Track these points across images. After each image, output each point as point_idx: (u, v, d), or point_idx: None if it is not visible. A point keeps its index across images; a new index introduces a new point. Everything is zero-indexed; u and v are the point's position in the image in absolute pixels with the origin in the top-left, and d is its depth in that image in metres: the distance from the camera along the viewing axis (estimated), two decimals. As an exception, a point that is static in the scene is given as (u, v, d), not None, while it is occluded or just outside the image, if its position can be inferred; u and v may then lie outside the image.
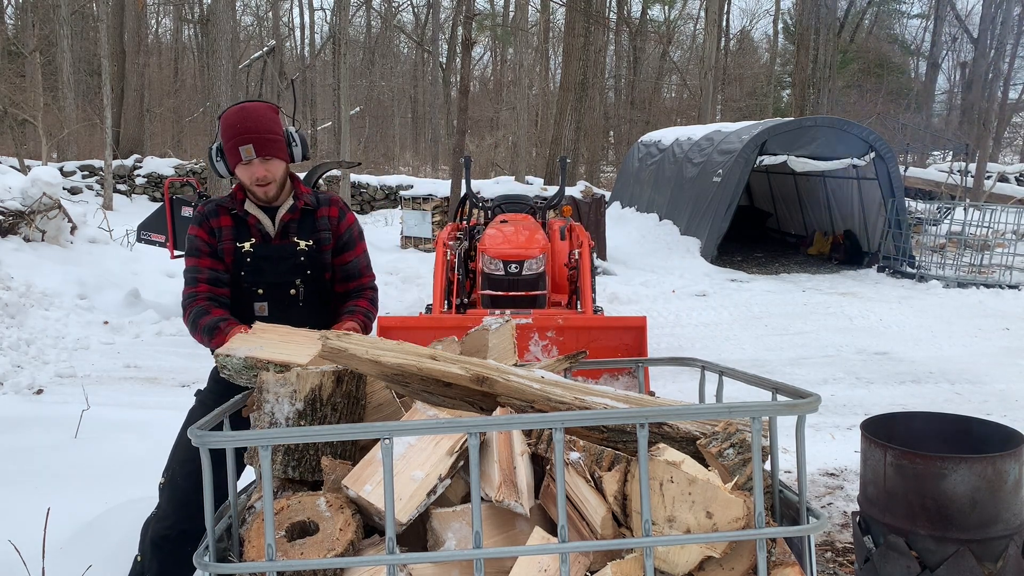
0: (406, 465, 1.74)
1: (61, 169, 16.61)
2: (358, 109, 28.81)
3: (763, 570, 1.63)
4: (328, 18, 33.43)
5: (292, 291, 2.79)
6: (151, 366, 7.10)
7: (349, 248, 2.89)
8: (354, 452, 2.04)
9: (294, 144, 2.77)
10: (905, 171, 18.06)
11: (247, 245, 2.75)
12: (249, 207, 2.78)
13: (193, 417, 2.78)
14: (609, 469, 1.79)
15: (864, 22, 33.81)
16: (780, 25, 35.25)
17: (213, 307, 2.70)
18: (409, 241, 14.48)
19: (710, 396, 2.34)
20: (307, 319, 2.71)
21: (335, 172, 16.66)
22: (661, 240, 13.93)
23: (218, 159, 2.77)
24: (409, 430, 1.73)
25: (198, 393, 2.90)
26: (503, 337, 2.32)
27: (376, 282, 3.00)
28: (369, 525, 1.81)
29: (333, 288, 2.90)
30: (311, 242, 2.80)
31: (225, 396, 2.69)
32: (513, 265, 6.21)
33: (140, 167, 18.33)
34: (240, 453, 1.92)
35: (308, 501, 1.78)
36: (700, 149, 14.63)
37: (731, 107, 32.42)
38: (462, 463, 1.79)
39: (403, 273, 10.98)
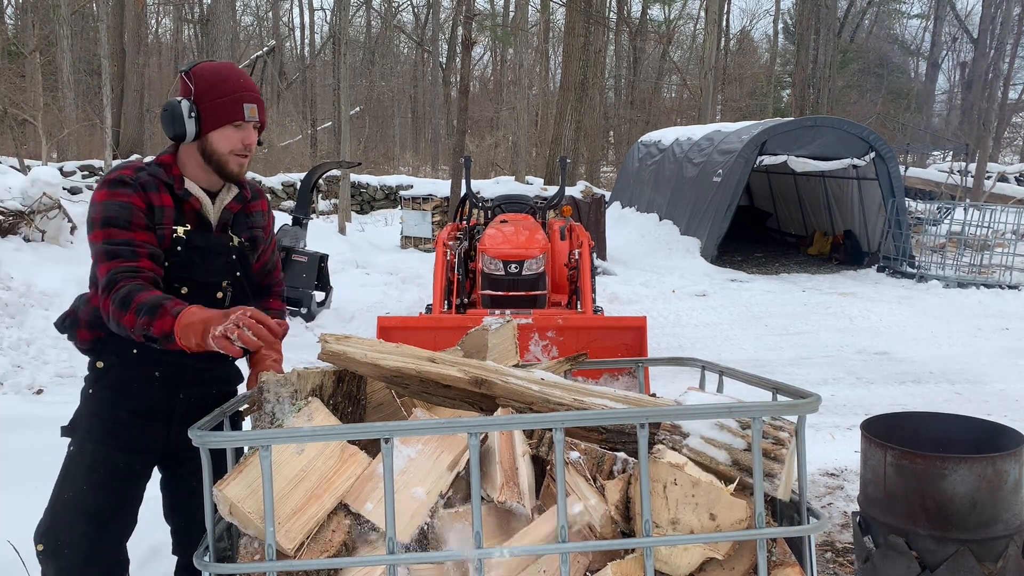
0: (406, 482, 1.73)
1: (61, 169, 16.60)
2: (358, 109, 28.80)
3: (763, 570, 1.63)
4: (328, 18, 33.49)
5: (219, 294, 2.35)
6: (151, 366, 7.07)
7: (269, 244, 2.54)
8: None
9: None
10: (905, 171, 18.06)
11: (180, 231, 2.26)
12: (191, 187, 2.28)
13: (70, 465, 2.35)
14: (610, 476, 1.78)
15: (864, 22, 33.82)
16: (780, 25, 35.28)
17: (154, 289, 2.14)
18: (409, 241, 14.49)
19: (710, 396, 2.34)
20: None
21: (335, 172, 16.66)
22: (661, 240, 13.92)
23: (190, 116, 2.19)
24: (409, 430, 1.72)
25: (68, 431, 2.46)
26: (503, 337, 2.31)
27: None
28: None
29: (250, 289, 2.50)
30: (244, 239, 2.40)
31: (123, 435, 2.36)
32: (513, 265, 6.21)
33: (140, 167, 18.33)
34: (238, 453, 1.91)
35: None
36: (700, 149, 14.62)
37: (731, 107, 32.40)
38: (464, 471, 1.78)
39: (403, 273, 10.98)
